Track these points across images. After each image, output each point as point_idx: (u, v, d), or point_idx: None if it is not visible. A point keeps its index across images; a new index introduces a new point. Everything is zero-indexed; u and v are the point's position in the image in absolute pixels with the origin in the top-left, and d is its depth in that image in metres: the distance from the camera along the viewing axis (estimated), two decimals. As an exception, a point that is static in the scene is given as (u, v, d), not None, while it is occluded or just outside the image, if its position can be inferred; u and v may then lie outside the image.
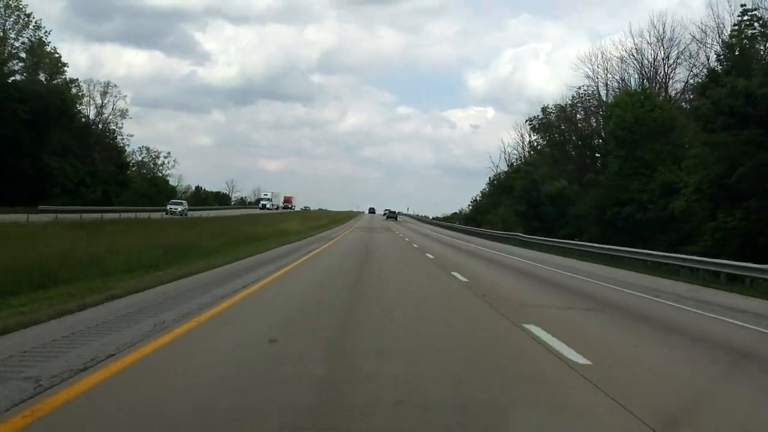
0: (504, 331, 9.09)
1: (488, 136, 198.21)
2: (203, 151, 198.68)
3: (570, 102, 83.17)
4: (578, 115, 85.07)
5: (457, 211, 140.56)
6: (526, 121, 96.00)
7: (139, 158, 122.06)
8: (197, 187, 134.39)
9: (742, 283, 19.94)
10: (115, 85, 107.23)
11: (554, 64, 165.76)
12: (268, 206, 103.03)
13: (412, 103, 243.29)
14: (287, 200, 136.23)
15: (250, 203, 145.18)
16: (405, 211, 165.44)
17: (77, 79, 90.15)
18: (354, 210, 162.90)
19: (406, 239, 42.95)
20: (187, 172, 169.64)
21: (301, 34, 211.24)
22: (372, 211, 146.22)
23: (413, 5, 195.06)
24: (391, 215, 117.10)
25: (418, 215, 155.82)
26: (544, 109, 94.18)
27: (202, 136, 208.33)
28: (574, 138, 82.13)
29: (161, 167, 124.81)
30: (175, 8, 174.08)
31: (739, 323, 11.74)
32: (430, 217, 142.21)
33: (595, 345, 8.23)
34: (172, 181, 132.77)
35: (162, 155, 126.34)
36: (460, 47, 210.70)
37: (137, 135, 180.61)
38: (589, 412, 5.22)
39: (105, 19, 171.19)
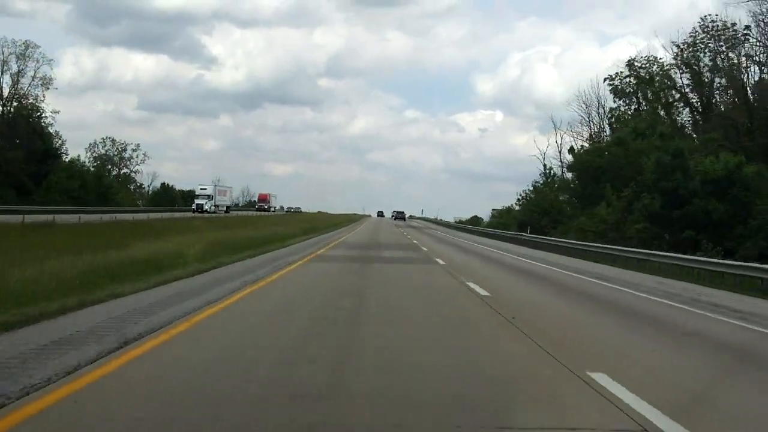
0: None
1: (496, 140, 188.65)
2: (210, 156, 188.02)
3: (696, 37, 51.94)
4: (701, 65, 53.87)
5: (486, 216, 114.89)
6: (606, 80, 65.43)
7: (102, 150, 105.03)
8: (163, 184, 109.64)
9: None
10: (38, 46, 76.81)
11: (562, 66, 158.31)
12: (207, 207, 67.62)
13: (420, 107, 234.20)
14: (262, 199, 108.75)
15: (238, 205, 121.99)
16: (419, 214, 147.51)
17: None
18: (358, 213, 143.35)
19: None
20: (194, 176, 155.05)
21: (308, 37, 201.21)
22: (381, 214, 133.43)
23: (421, 8, 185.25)
24: (399, 216, 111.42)
25: (436, 218, 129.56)
26: (630, 64, 63.88)
27: (210, 141, 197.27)
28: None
29: (128, 161, 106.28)
30: (181, 12, 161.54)
31: None
32: (453, 221, 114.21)
33: None
34: (143, 179, 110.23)
35: (129, 148, 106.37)
36: (468, 50, 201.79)
37: (144, 140, 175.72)
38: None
39: (111, 23, 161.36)
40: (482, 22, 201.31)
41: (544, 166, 73.97)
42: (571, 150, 70.96)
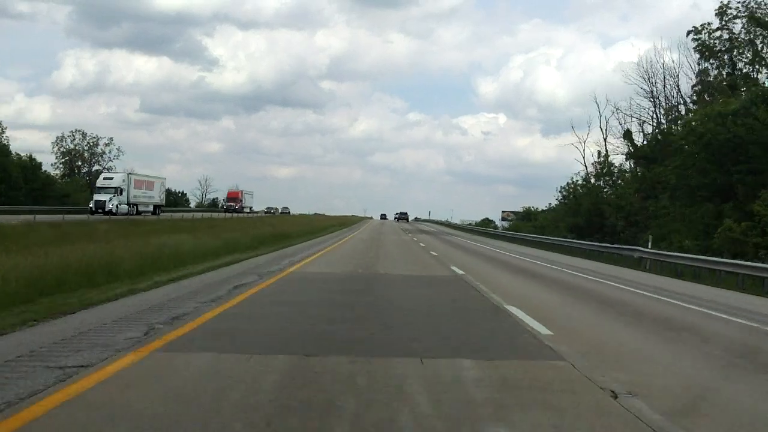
0: None
1: (499, 143, 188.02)
2: (213, 159, 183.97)
3: None
4: None
5: (496, 218, 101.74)
6: (689, 33, 48.44)
7: (71, 144, 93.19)
8: None
9: None
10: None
11: (565, 69, 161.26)
12: (112, 206, 45.93)
13: (423, 110, 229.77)
14: (231, 198, 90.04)
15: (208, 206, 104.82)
16: (426, 216, 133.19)
17: None
18: (359, 215, 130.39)
19: None
20: (196, 179, 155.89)
21: (310, 39, 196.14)
22: (384, 217, 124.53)
23: (423, 10, 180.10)
24: (402, 217, 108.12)
25: (447, 221, 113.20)
26: (722, 11, 47.17)
27: (212, 143, 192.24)
28: None
29: (100, 157, 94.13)
30: (182, 13, 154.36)
31: None
32: (465, 224, 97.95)
33: None
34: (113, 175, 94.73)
35: (102, 142, 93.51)
36: (471, 53, 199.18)
37: (145, 143, 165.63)
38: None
39: (111, 25, 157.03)
40: (485, 24, 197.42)
41: (599, 153, 56.09)
42: (626, 135, 53.62)
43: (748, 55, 46.12)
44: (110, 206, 45.03)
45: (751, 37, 45.46)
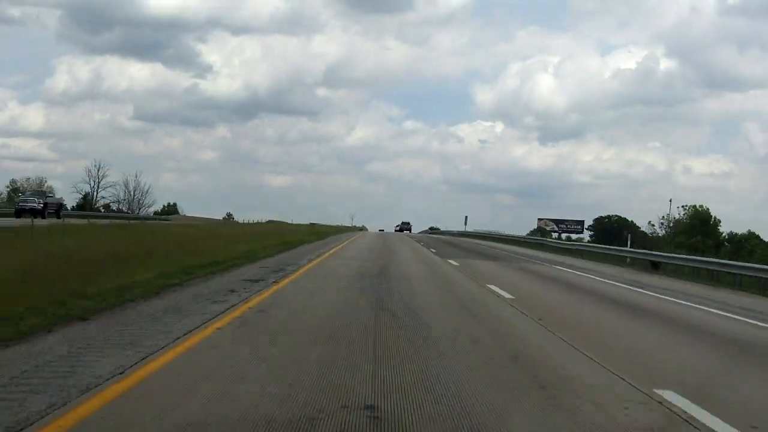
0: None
1: (496, 151, 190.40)
2: (208, 167, 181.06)
3: None
4: None
5: (524, 229, 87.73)
6: None
7: None
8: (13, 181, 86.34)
9: None
10: None
11: (562, 76, 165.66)
12: None
13: (420, 118, 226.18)
14: None
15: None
16: (463, 228, 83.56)
17: None
18: (325, 224, 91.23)
19: None
20: (193, 188, 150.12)
21: (305, 46, 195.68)
22: (382, 231, 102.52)
23: (419, 16, 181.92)
24: (405, 227, 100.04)
25: (504, 235, 61.46)
26: None
27: (207, 151, 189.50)
28: None
29: None
30: (175, 19, 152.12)
31: None
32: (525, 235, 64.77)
33: None
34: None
35: None
36: (468, 60, 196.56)
37: (141, 151, 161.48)
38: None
39: (103, 30, 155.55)
40: (482, 30, 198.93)
41: None
42: None
43: None
44: None
45: None
